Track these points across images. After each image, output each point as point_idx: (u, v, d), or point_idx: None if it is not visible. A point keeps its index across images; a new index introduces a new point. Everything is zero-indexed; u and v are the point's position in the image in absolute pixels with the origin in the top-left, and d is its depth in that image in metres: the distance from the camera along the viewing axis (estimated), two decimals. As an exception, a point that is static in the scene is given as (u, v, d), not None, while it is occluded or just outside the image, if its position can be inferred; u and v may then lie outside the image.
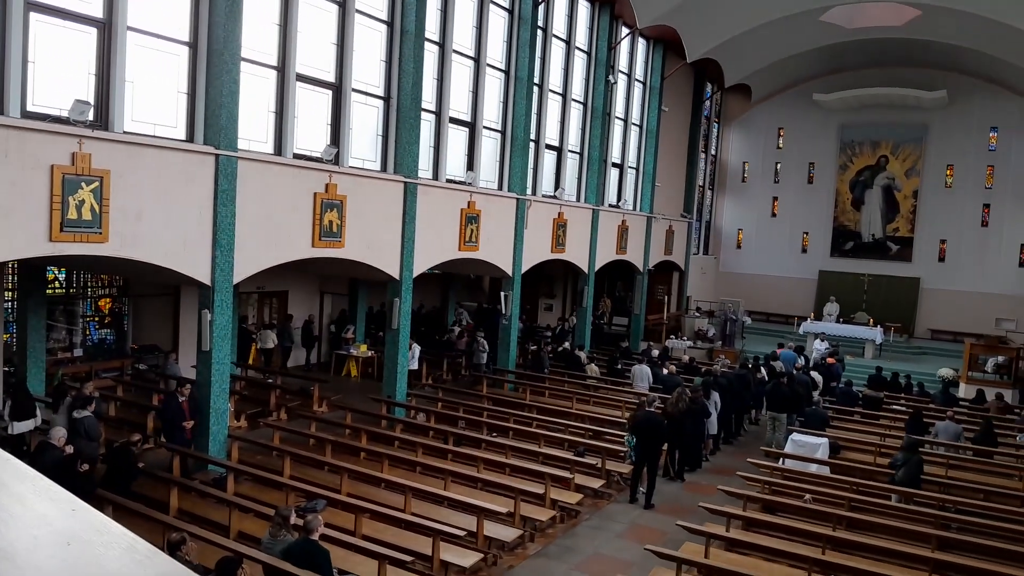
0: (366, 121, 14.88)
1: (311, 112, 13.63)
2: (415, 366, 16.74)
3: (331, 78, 13.97)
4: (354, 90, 14.31)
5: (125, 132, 10.22)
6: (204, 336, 11.34)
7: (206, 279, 11.11)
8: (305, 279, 20.44)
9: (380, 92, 15.06)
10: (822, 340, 23.45)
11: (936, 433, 14.83)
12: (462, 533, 8.93)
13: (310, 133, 13.59)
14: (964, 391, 21.08)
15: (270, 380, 16.90)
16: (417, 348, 16.88)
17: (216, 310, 11.25)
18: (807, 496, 11.17)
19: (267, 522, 7.82)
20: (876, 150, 31.15)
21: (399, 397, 15.37)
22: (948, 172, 30.21)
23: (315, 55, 13.58)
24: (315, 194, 12.68)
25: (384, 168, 15.10)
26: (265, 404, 15.08)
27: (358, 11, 14.22)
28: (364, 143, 14.86)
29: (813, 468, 13.08)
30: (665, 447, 12.82)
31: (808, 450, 13.60)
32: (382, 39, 15.01)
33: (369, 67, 14.77)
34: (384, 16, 14.96)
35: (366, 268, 14.43)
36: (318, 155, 13.30)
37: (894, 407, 18.10)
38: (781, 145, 33.32)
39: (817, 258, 32.32)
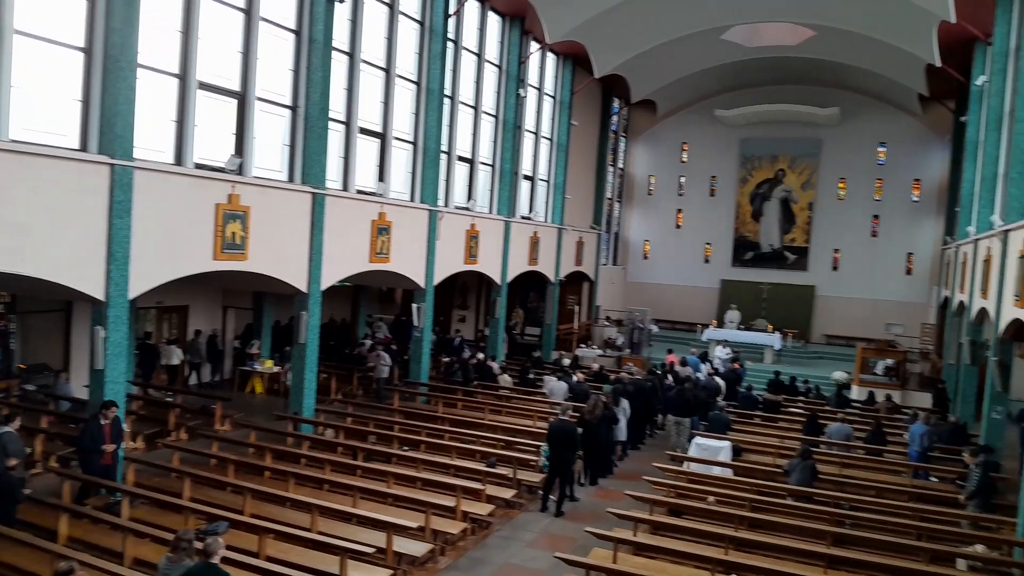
0: (273, 130, 14.57)
1: (215, 121, 13.25)
2: (386, 374, 16.37)
3: (236, 86, 13.64)
4: (259, 99, 14.00)
5: (13, 140, 9.69)
6: (97, 354, 10.83)
7: (100, 294, 10.62)
8: (207, 293, 19.78)
9: (287, 101, 14.78)
10: (723, 346, 24.27)
11: (828, 434, 15.59)
12: (371, 550, 8.80)
13: (214, 142, 13.22)
14: (856, 393, 22.20)
15: (169, 399, 16.25)
16: (385, 358, 16.47)
17: (110, 327, 10.77)
18: (711, 498, 11.55)
19: (165, 547, 7.51)
20: (774, 164, 32.65)
21: (306, 413, 15.05)
22: (841, 185, 31.93)
23: (219, 62, 13.23)
24: (217, 205, 12.31)
25: (291, 178, 14.81)
26: (164, 424, 14.49)
27: (264, 19, 13.95)
28: (271, 153, 14.55)
29: (716, 471, 13.54)
30: (581, 454, 13.00)
31: (711, 453, 14.06)
32: (289, 48, 14.75)
33: (276, 76, 14.49)
34: (291, 25, 14.71)
35: (272, 281, 14.10)
36: (221, 165, 12.94)
37: (792, 410, 18.91)
38: (685, 159, 34.49)
39: (719, 268, 33.60)
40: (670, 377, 18.99)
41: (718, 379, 19.60)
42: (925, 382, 23.52)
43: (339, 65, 16.02)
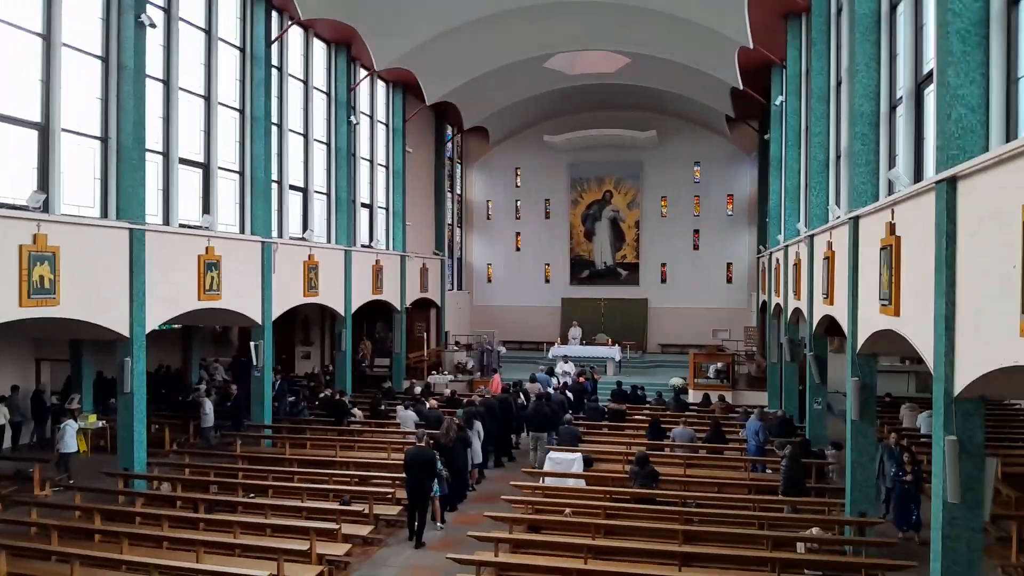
0: (83, 163, 13.44)
1: (14, 155, 12.04)
2: (73, 448, 14.84)
3: (36, 117, 12.47)
4: (65, 130, 12.88)
5: None
6: None
7: None
8: (14, 345, 17.85)
9: (97, 132, 13.70)
10: (566, 361, 24.91)
11: (673, 437, 16.33)
12: (219, 606, 8.17)
13: (14, 178, 11.99)
14: (693, 396, 23.46)
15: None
16: (71, 427, 14.97)
17: None
18: (567, 510, 11.73)
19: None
20: (601, 186, 34.22)
21: (138, 468, 13.84)
22: (663, 203, 33.93)
23: (16, 92, 12.07)
24: (20, 247, 11.13)
25: (105, 214, 13.70)
26: (-30, 495, 12.84)
27: (65, 45, 12.88)
28: (80, 187, 13.40)
29: (571, 483, 13.78)
30: (446, 474, 12.78)
31: (564, 466, 14.30)
32: (96, 75, 13.71)
33: (83, 105, 13.41)
34: (97, 51, 13.69)
35: (89, 327, 12.89)
36: (23, 203, 11.74)
37: (636, 417, 19.66)
38: (519, 183, 35.43)
39: (559, 287, 34.68)
40: (522, 396, 19.21)
41: (567, 393, 20.06)
42: (753, 381, 25.27)
43: (154, 93, 15.10)
